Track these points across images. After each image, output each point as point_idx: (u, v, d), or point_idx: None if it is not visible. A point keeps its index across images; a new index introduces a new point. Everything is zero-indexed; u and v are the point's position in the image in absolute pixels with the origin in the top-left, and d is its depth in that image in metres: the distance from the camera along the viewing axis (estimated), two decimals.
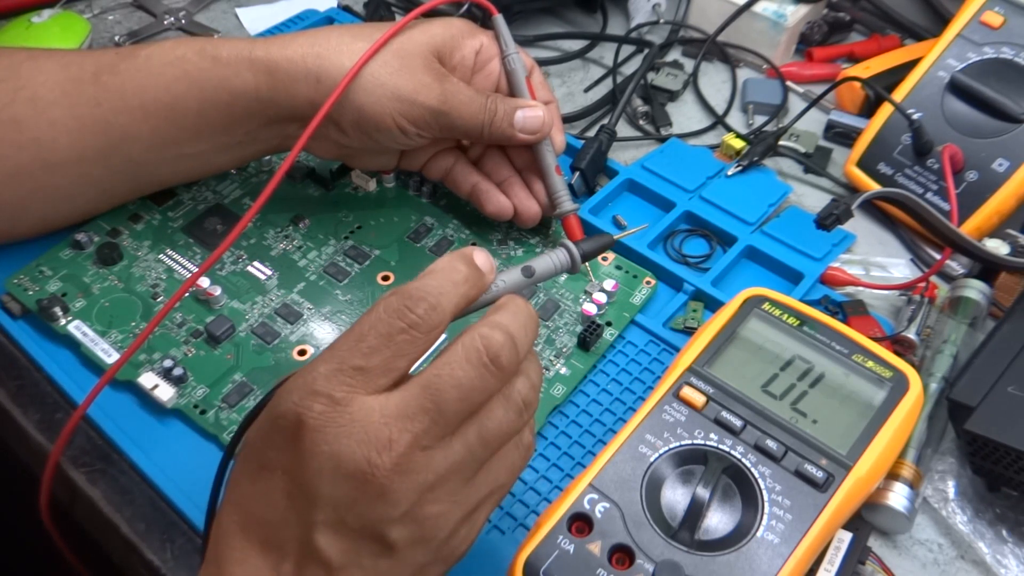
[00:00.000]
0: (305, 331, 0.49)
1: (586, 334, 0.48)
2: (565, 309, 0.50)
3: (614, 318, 0.50)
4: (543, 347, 0.48)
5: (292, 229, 0.54)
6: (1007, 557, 0.42)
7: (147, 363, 0.47)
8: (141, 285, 0.50)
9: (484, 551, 0.42)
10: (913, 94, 0.58)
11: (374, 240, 0.54)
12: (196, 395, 0.45)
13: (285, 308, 0.50)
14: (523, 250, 0.54)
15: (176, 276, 0.51)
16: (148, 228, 0.53)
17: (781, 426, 0.39)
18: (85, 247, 0.51)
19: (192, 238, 0.53)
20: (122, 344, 0.47)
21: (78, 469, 0.44)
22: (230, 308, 0.49)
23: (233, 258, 0.52)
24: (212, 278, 0.50)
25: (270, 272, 0.51)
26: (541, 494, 0.44)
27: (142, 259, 0.51)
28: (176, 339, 0.48)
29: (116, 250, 0.51)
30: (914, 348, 0.49)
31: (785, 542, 0.36)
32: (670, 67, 0.68)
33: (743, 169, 0.59)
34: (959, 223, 0.54)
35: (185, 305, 0.49)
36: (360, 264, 0.52)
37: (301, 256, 0.52)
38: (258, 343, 0.48)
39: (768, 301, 0.43)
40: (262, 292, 0.50)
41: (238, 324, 0.48)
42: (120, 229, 0.53)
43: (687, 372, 0.41)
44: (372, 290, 0.51)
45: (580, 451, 0.46)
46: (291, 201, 0.55)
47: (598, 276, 0.52)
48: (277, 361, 0.47)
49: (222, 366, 0.47)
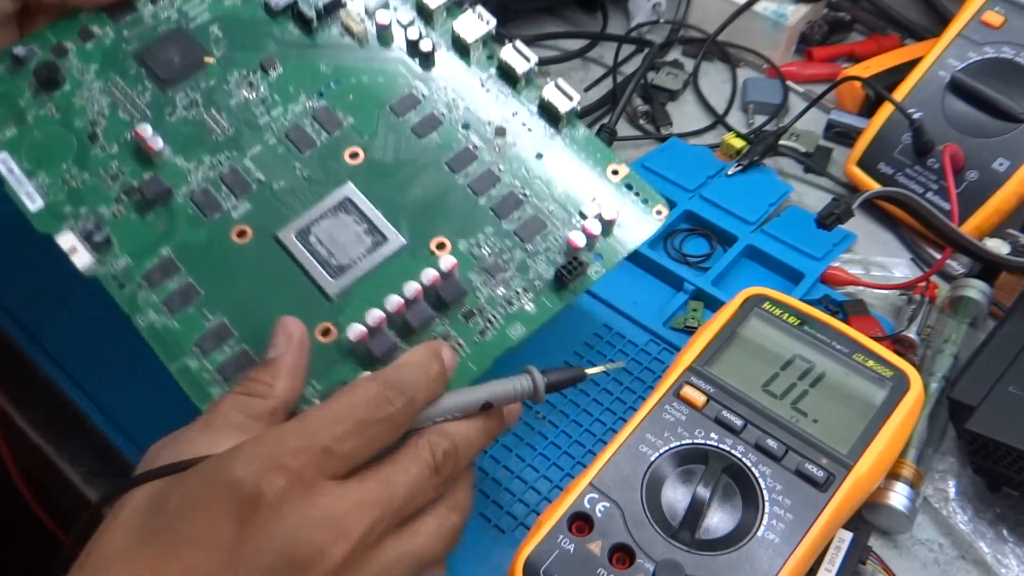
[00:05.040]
0: (250, 208, 0.42)
1: (564, 271, 0.40)
2: (551, 231, 0.42)
3: (605, 252, 0.42)
4: (513, 273, 0.41)
5: (259, 76, 0.45)
6: (1008, 557, 0.42)
7: (72, 216, 0.41)
8: (80, 120, 0.43)
9: (484, 551, 0.42)
10: (913, 94, 0.58)
11: (350, 104, 0.45)
12: (118, 265, 0.40)
13: (233, 175, 0.42)
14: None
15: (120, 116, 0.43)
16: (98, 48, 0.45)
17: (782, 425, 0.39)
18: (25, 62, 0.44)
19: (144, 68, 0.45)
20: (51, 188, 0.42)
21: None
22: (171, 166, 0.43)
23: (187, 102, 0.44)
24: (158, 127, 0.43)
25: (226, 125, 0.44)
26: (541, 493, 0.44)
27: (86, 87, 0.44)
28: (108, 193, 0.42)
29: (58, 73, 0.44)
30: (915, 348, 0.49)
31: (786, 541, 0.36)
32: (670, 67, 0.68)
33: (743, 168, 0.59)
34: (959, 222, 0.54)
35: (122, 154, 0.43)
36: (329, 133, 0.44)
37: (264, 112, 0.44)
38: (195, 213, 0.42)
39: (768, 300, 0.43)
40: (211, 151, 0.43)
41: (177, 186, 0.42)
42: (66, 46, 0.45)
43: (687, 371, 0.41)
44: (337, 169, 0.43)
45: (580, 451, 0.46)
46: (263, 39, 0.46)
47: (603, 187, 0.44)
48: (211, 241, 0.41)
49: (150, 234, 0.41)
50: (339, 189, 0.43)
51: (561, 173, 0.43)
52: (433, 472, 0.32)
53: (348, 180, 0.43)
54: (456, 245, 0.41)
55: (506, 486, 0.44)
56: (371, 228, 0.42)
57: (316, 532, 0.29)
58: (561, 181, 0.43)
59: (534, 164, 0.43)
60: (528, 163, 0.43)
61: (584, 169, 0.44)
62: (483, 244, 0.42)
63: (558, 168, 0.44)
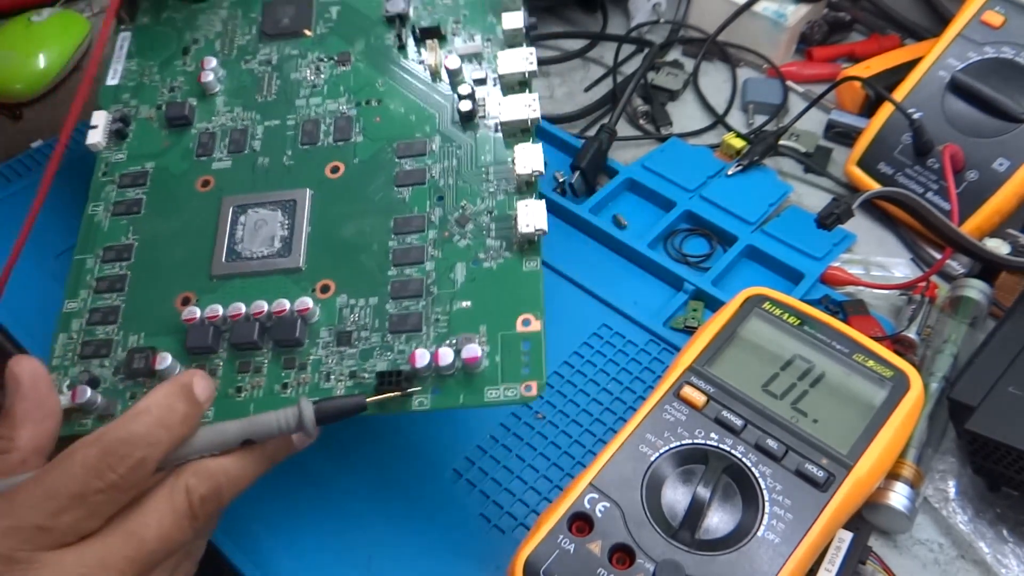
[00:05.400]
0: (228, 167, 0.45)
1: (385, 378, 0.37)
2: (414, 336, 0.39)
3: (444, 390, 0.38)
4: (354, 353, 0.39)
5: (329, 65, 0.48)
6: (1008, 557, 0.42)
7: (124, 103, 0.48)
8: (191, 34, 0.50)
9: (484, 551, 0.42)
10: (913, 94, 0.58)
11: (372, 125, 0.46)
12: (113, 157, 0.46)
13: (240, 134, 0.46)
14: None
15: (215, 45, 0.50)
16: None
17: (782, 425, 0.39)
18: None
19: (262, 16, 0.50)
20: (131, 74, 0.49)
21: None
22: (211, 101, 0.47)
23: (265, 59, 0.49)
24: (228, 67, 0.49)
25: (273, 92, 0.47)
26: (541, 494, 0.44)
27: (216, 12, 0.51)
28: (157, 99, 0.48)
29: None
30: (915, 348, 0.49)
31: (786, 542, 0.36)
32: (670, 67, 0.68)
33: (743, 168, 0.59)
34: (959, 222, 0.54)
35: (192, 74, 0.48)
36: (334, 140, 0.45)
37: (306, 95, 0.47)
38: (192, 148, 0.46)
39: (768, 300, 0.43)
40: (244, 106, 0.47)
41: (199, 121, 0.47)
42: None
43: (687, 371, 0.41)
44: (311, 173, 0.45)
45: (580, 451, 0.46)
46: (359, 36, 0.49)
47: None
48: (182, 175, 0.45)
49: (153, 146, 0.47)
50: (296, 191, 0.44)
51: (478, 291, 0.40)
52: (190, 517, 0.31)
53: (308, 188, 0.44)
54: (336, 295, 0.41)
55: (506, 486, 0.44)
56: (287, 239, 0.43)
57: None
58: (472, 299, 0.40)
59: (464, 268, 0.41)
60: (462, 264, 0.41)
61: (500, 300, 0.39)
62: (356, 310, 0.40)
63: (480, 285, 0.40)
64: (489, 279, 0.40)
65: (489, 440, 0.46)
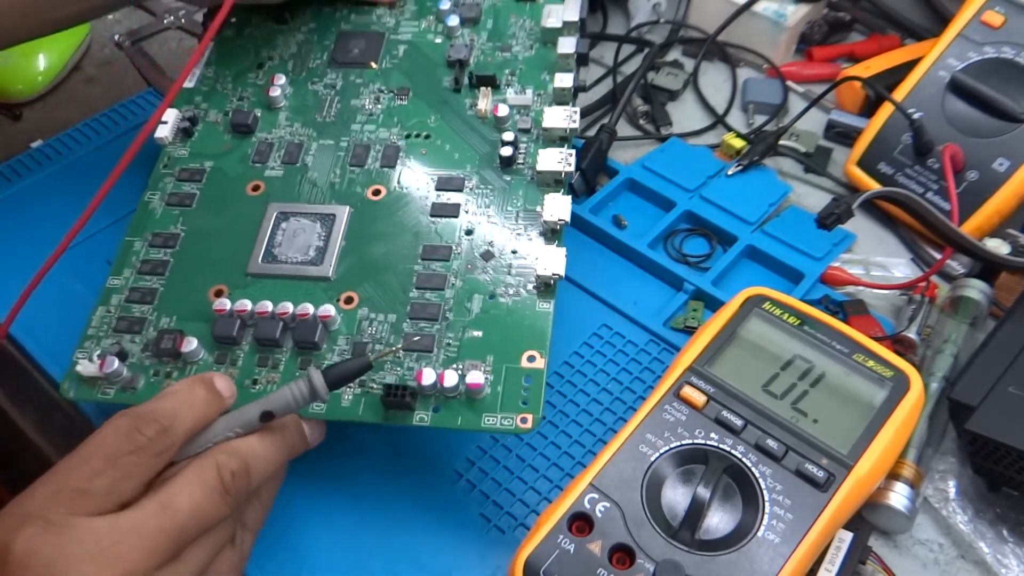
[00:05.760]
0: (280, 175, 0.48)
1: (391, 391, 0.39)
2: (423, 356, 0.41)
3: (446, 409, 0.40)
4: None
5: (389, 97, 0.51)
6: (1008, 557, 0.42)
7: (195, 105, 0.52)
8: (268, 51, 0.54)
9: (484, 551, 0.42)
10: (913, 94, 0.58)
11: (417, 156, 0.48)
12: (176, 152, 0.50)
13: (295, 148, 0.49)
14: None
15: (287, 65, 0.53)
16: (328, 17, 0.55)
17: (782, 425, 0.39)
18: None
19: (335, 45, 0.54)
20: (207, 81, 0.53)
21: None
22: (274, 114, 0.51)
23: (330, 83, 0.52)
24: (296, 85, 0.53)
25: (333, 114, 0.51)
26: (541, 494, 0.44)
27: (296, 34, 0.55)
28: (226, 106, 0.52)
29: (293, 13, 0.55)
30: (915, 348, 0.49)
31: (786, 542, 0.36)
32: (670, 67, 0.68)
33: (743, 168, 0.59)
34: (960, 222, 0.54)
35: (261, 88, 0.53)
36: (379, 166, 0.48)
37: (362, 122, 0.50)
38: (251, 154, 0.49)
39: (768, 300, 0.43)
40: (304, 123, 0.50)
41: (260, 131, 0.50)
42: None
43: (687, 371, 0.41)
44: (353, 192, 0.47)
45: (580, 451, 0.46)
46: (419, 74, 0.52)
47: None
48: (237, 178, 0.48)
49: (215, 146, 0.50)
50: (336, 207, 0.46)
51: (490, 323, 0.42)
52: (222, 492, 0.32)
53: (348, 205, 0.46)
54: (359, 307, 0.43)
55: (506, 486, 0.44)
56: (321, 249, 0.45)
57: (79, 566, 0.29)
58: (484, 330, 0.42)
59: (481, 300, 0.43)
60: (479, 296, 0.43)
61: (509, 334, 0.41)
62: (375, 324, 0.43)
63: (493, 318, 0.42)
64: (503, 313, 0.42)
65: (489, 440, 0.46)
